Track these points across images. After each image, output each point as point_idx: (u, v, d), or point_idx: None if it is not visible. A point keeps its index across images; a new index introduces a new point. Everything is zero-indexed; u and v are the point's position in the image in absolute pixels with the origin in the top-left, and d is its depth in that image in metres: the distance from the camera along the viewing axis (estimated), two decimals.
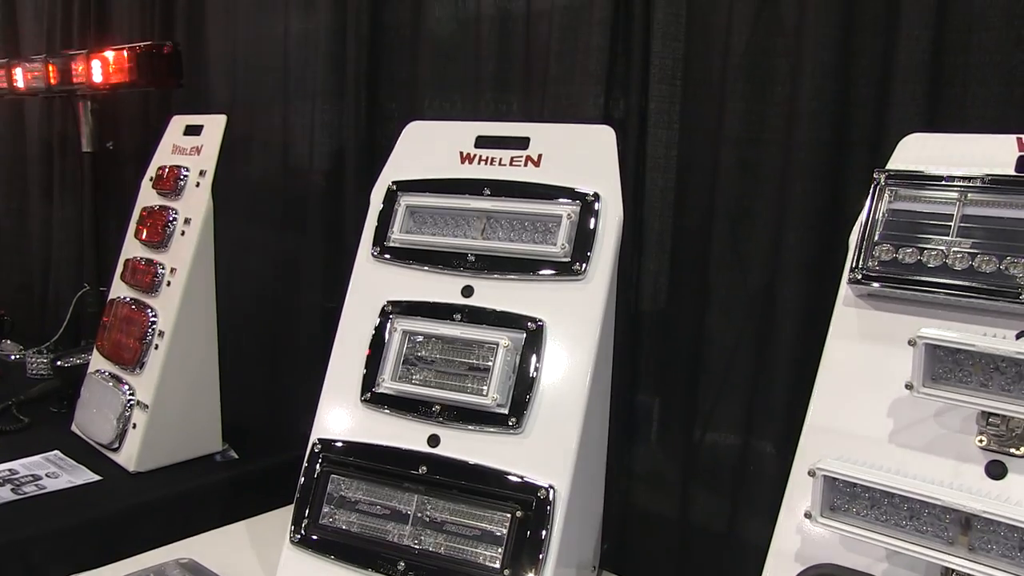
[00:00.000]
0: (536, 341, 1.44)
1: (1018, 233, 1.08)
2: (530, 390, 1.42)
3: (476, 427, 1.44)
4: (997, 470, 1.03)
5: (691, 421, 1.92)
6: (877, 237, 1.17)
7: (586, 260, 1.45)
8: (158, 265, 2.27)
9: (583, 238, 1.46)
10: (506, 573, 1.34)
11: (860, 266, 1.17)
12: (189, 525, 1.83)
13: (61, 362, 2.65)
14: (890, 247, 1.15)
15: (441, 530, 1.42)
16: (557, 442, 1.38)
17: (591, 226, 1.47)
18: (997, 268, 1.06)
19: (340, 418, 1.54)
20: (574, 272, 1.45)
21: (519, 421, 1.41)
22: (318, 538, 1.49)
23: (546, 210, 1.50)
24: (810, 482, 1.08)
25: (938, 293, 1.10)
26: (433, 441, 1.47)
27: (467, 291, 1.53)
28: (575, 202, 1.49)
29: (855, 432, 1.14)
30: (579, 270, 1.45)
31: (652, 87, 1.89)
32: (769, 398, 1.78)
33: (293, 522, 1.52)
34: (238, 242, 2.71)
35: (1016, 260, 1.06)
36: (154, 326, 2.21)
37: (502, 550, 1.36)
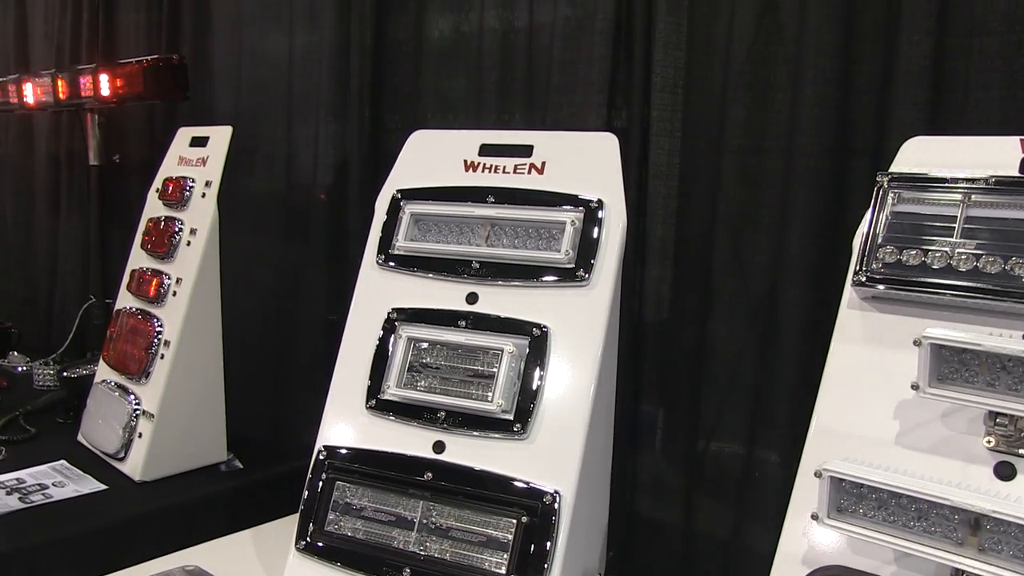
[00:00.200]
0: (541, 347, 1.44)
1: (1023, 234, 1.08)
2: (535, 396, 1.42)
3: (481, 433, 1.44)
4: (1006, 471, 1.02)
5: (695, 429, 1.92)
6: (881, 239, 1.17)
7: (590, 267, 1.45)
8: (164, 275, 2.28)
9: (587, 245, 1.47)
10: None
11: (864, 269, 1.17)
12: (194, 534, 1.83)
13: (67, 373, 2.66)
14: (894, 249, 1.15)
15: (447, 536, 1.42)
16: (562, 448, 1.38)
17: (595, 233, 1.47)
18: (1002, 268, 1.06)
19: (345, 425, 1.54)
20: (578, 279, 1.45)
21: (524, 427, 1.41)
22: (324, 545, 1.49)
23: (550, 217, 1.51)
24: (816, 484, 1.08)
25: (943, 294, 1.10)
26: (438, 447, 1.47)
27: (472, 298, 1.53)
28: (579, 209, 1.49)
29: (861, 434, 1.13)
30: (583, 277, 1.45)
31: (654, 96, 1.90)
32: (773, 405, 1.77)
33: (299, 529, 1.51)
34: (242, 254, 2.72)
35: (1021, 260, 1.06)
36: (160, 336, 2.21)
37: (508, 556, 1.36)
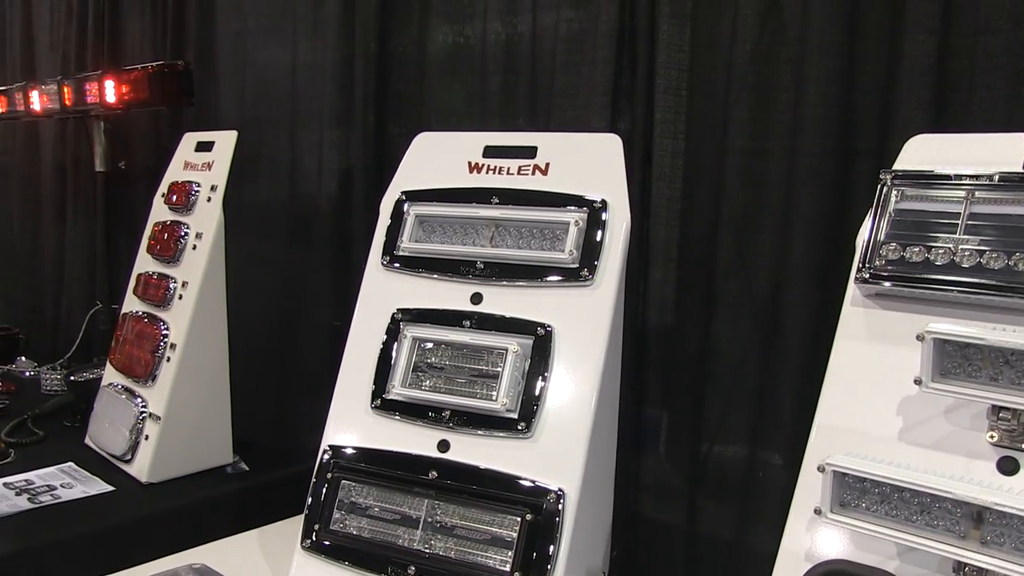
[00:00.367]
0: (545, 347, 1.45)
1: None
2: (539, 395, 1.42)
3: (486, 432, 1.45)
4: (1009, 466, 1.02)
5: (698, 430, 1.92)
6: (884, 236, 1.17)
7: (594, 267, 1.46)
8: (170, 279, 2.29)
9: (591, 245, 1.47)
10: None
11: (867, 266, 1.17)
12: (200, 535, 1.83)
13: (75, 377, 2.68)
14: (897, 246, 1.15)
15: (451, 534, 1.42)
16: (566, 446, 1.39)
17: (599, 233, 1.48)
18: (1006, 264, 1.07)
19: (350, 425, 1.55)
20: (582, 278, 1.46)
21: (528, 426, 1.41)
22: (329, 543, 1.49)
23: (554, 217, 1.52)
24: (820, 481, 1.08)
25: (946, 291, 1.10)
26: (443, 446, 1.47)
27: (476, 298, 1.54)
28: (583, 209, 1.50)
29: (864, 430, 1.13)
30: (587, 276, 1.46)
31: (657, 98, 1.90)
32: (777, 406, 1.77)
33: (304, 528, 1.52)
34: (247, 261, 2.73)
35: None
36: (166, 339, 2.22)
37: (512, 554, 1.36)
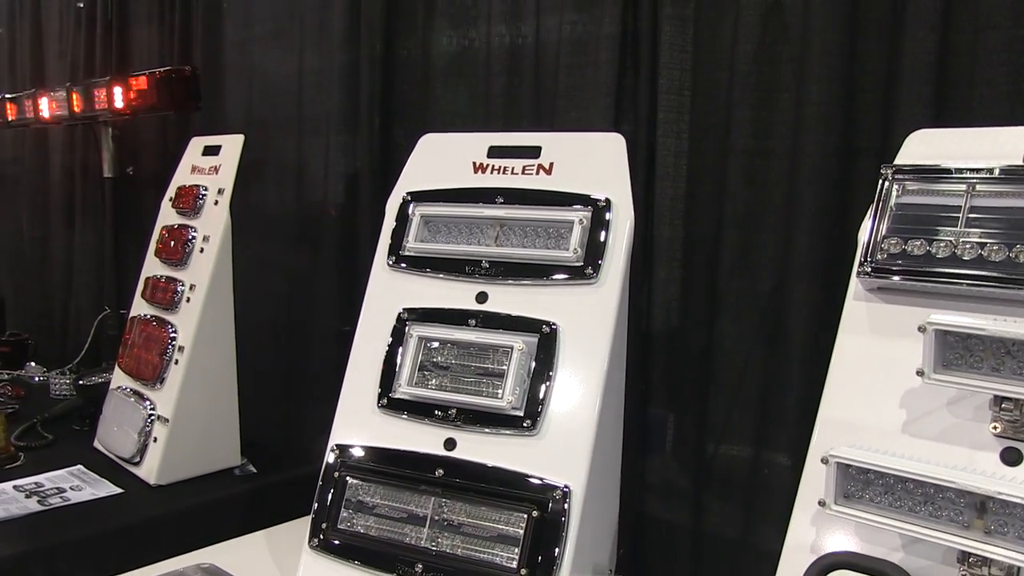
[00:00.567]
0: (550, 344, 1.46)
1: None
2: (544, 393, 1.43)
3: (492, 430, 1.45)
4: (1012, 456, 1.03)
5: (703, 428, 1.92)
6: (885, 231, 1.18)
7: (598, 265, 1.47)
8: (178, 282, 2.31)
9: (595, 243, 1.48)
10: (523, 573, 1.35)
11: (869, 260, 1.18)
12: (208, 537, 1.84)
13: (83, 381, 2.70)
14: (899, 240, 1.16)
15: (458, 531, 1.43)
16: (572, 443, 1.39)
17: (603, 231, 1.49)
18: (1007, 256, 1.07)
19: (357, 424, 1.56)
20: (587, 276, 1.47)
21: (534, 423, 1.42)
22: (337, 542, 1.50)
23: (558, 216, 1.53)
24: (824, 473, 1.09)
25: (948, 283, 1.11)
26: (449, 444, 1.48)
27: (481, 297, 1.55)
28: (587, 208, 1.51)
29: (868, 423, 1.14)
30: (591, 275, 1.47)
31: (660, 98, 1.92)
32: (782, 404, 1.77)
33: (312, 527, 1.53)
34: (254, 264, 2.75)
35: None
36: (174, 342, 2.24)
37: (519, 550, 1.37)
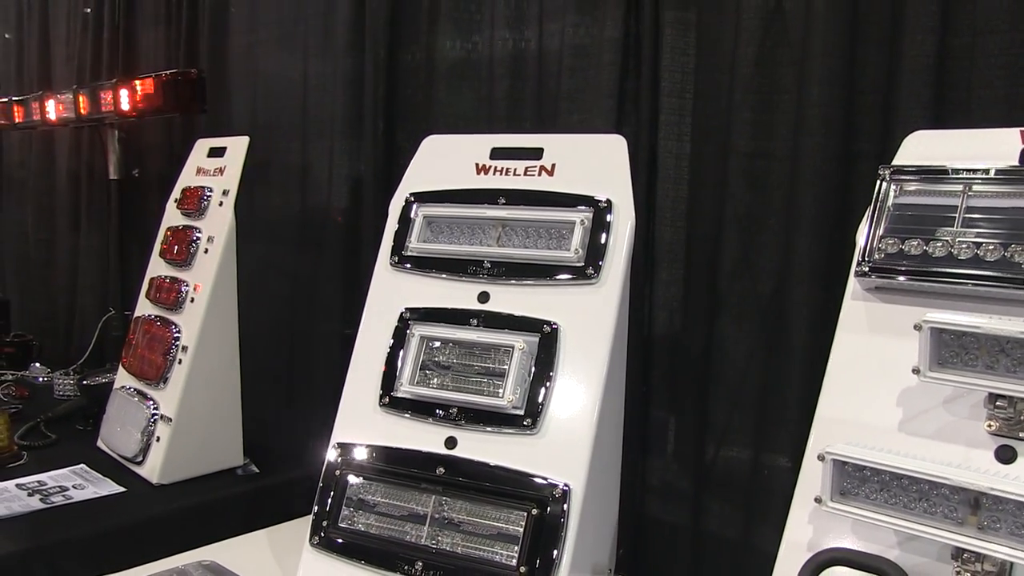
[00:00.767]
0: (551, 344, 1.47)
1: (1022, 222, 1.10)
2: (545, 392, 1.44)
3: (493, 429, 1.46)
4: (1007, 454, 1.03)
5: (704, 429, 1.93)
6: (883, 231, 1.19)
7: (599, 265, 1.48)
8: (182, 283, 2.33)
9: (596, 243, 1.49)
10: (522, 571, 1.35)
11: (867, 259, 1.19)
12: (210, 536, 1.85)
13: (87, 381, 2.71)
14: (896, 240, 1.17)
15: (458, 530, 1.44)
16: (572, 442, 1.40)
17: (604, 232, 1.50)
18: (1002, 256, 1.08)
19: (359, 422, 1.57)
20: (588, 276, 1.48)
21: (534, 422, 1.43)
22: (337, 540, 1.51)
23: (560, 217, 1.54)
24: (821, 470, 1.09)
25: (944, 283, 1.12)
26: (450, 443, 1.49)
27: (483, 297, 1.56)
28: (588, 209, 1.52)
29: (865, 422, 1.15)
30: (592, 275, 1.48)
31: (662, 100, 1.93)
32: (782, 405, 1.78)
33: (313, 525, 1.54)
34: (258, 266, 2.76)
35: (1020, 247, 1.07)
36: (178, 341, 2.25)
37: (518, 548, 1.38)
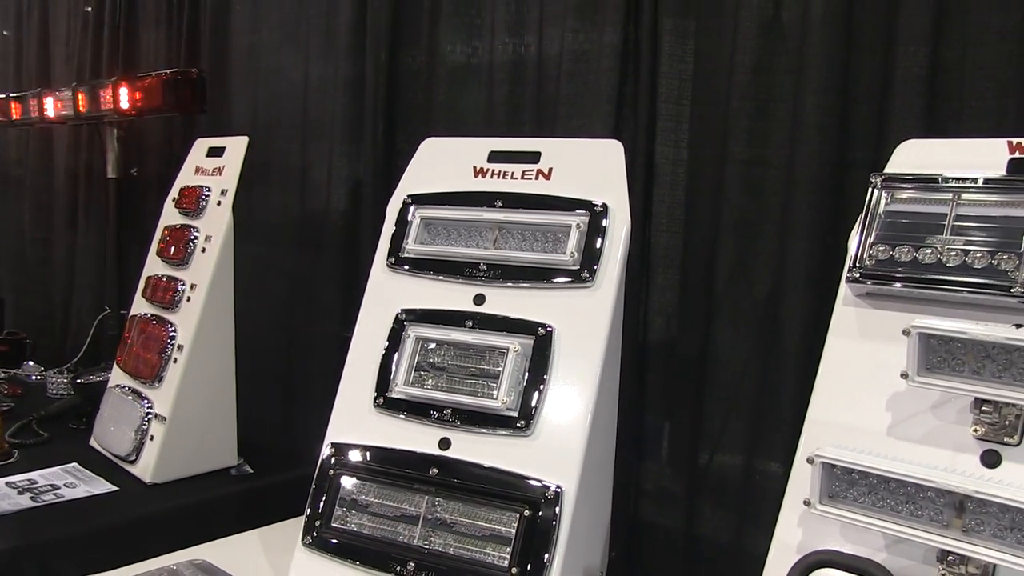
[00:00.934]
0: (545, 346, 1.48)
1: (1009, 230, 1.12)
2: (539, 394, 1.45)
3: (486, 430, 1.47)
4: (992, 459, 1.05)
5: (698, 433, 1.94)
6: (874, 237, 1.21)
7: (594, 268, 1.49)
8: (179, 282, 2.33)
9: (592, 247, 1.51)
10: (514, 572, 1.36)
11: (858, 266, 1.20)
12: (203, 536, 1.85)
13: (81, 380, 2.71)
14: (886, 247, 1.19)
15: (451, 530, 1.45)
16: (565, 444, 1.41)
17: (600, 235, 1.51)
18: (989, 263, 1.10)
19: (353, 422, 1.58)
20: (583, 280, 1.49)
21: (528, 424, 1.44)
22: (330, 539, 1.52)
23: (556, 220, 1.55)
24: (810, 473, 1.11)
25: (933, 289, 1.14)
26: (444, 444, 1.50)
27: (479, 299, 1.57)
28: (584, 213, 1.53)
29: (854, 425, 1.16)
30: (588, 278, 1.49)
31: (660, 107, 1.95)
32: (777, 409, 1.79)
33: (305, 524, 1.54)
34: (256, 266, 2.77)
35: (1007, 255, 1.09)
36: (174, 340, 2.26)
37: (510, 549, 1.39)
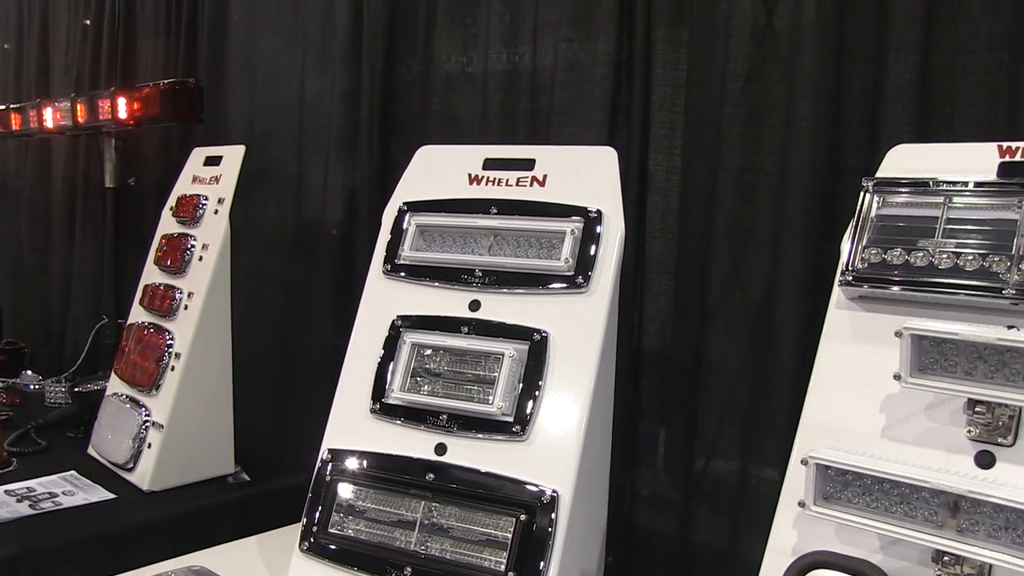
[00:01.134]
0: (541, 352, 1.48)
1: (1001, 233, 1.13)
2: (535, 399, 1.46)
3: (482, 435, 1.48)
4: (986, 460, 1.06)
5: (693, 438, 1.94)
6: (866, 241, 1.22)
7: (589, 274, 1.50)
8: (176, 290, 2.34)
9: (586, 253, 1.52)
10: None
11: (850, 269, 1.21)
12: (200, 543, 1.85)
13: (79, 389, 2.71)
14: (879, 250, 1.20)
15: (447, 535, 1.45)
16: (561, 449, 1.42)
17: (594, 241, 1.52)
18: (981, 266, 1.11)
19: (350, 428, 1.58)
20: (578, 285, 1.50)
21: (524, 429, 1.44)
22: (327, 545, 1.52)
23: (551, 227, 1.56)
24: (804, 475, 1.11)
25: (925, 292, 1.14)
26: (440, 449, 1.50)
27: (474, 305, 1.58)
28: (579, 219, 1.54)
29: (849, 428, 1.17)
30: (582, 284, 1.50)
31: (653, 114, 1.96)
32: (771, 415, 1.80)
33: (303, 530, 1.55)
34: (252, 275, 2.77)
35: (998, 258, 1.10)
36: (171, 348, 2.26)
37: (507, 554, 1.39)
